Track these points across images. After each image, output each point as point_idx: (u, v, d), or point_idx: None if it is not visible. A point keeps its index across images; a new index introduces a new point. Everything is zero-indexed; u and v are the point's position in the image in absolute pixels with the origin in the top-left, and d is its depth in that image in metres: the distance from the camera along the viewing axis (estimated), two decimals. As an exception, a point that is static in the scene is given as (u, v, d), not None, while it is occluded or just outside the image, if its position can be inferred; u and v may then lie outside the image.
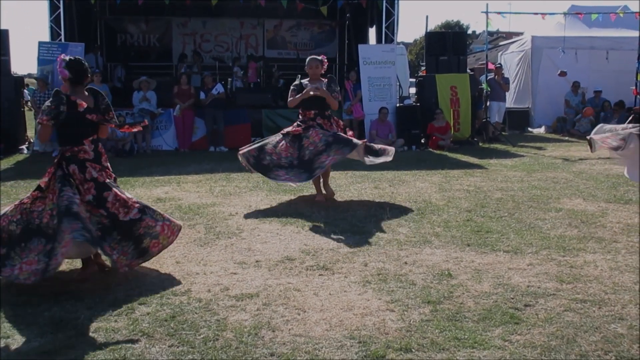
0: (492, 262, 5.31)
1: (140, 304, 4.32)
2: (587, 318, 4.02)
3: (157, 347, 3.64)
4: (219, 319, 4.05)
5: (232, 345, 3.65)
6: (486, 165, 11.44)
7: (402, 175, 10.17)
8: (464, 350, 3.55)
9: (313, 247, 5.82)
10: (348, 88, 15.06)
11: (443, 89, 15.15)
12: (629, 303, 4.29)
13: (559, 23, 18.36)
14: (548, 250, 5.63)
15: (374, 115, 14.69)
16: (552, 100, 18.40)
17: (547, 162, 11.77)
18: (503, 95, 16.85)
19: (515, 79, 19.74)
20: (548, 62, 18.44)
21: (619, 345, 3.60)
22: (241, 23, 19.51)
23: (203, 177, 9.94)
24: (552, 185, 9.00)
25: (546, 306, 4.24)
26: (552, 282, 4.75)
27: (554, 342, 3.65)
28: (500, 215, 7.11)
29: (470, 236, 6.16)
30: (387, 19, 15.35)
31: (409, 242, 5.97)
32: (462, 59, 15.77)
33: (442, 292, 4.52)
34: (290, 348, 3.60)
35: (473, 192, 8.57)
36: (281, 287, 4.67)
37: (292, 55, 19.62)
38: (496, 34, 48.77)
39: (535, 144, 15.13)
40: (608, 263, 5.24)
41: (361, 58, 15.12)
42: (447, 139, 14.51)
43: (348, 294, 4.54)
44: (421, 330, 3.83)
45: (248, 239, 6.15)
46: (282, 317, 4.07)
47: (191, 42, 19.47)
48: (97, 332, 3.84)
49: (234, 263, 5.34)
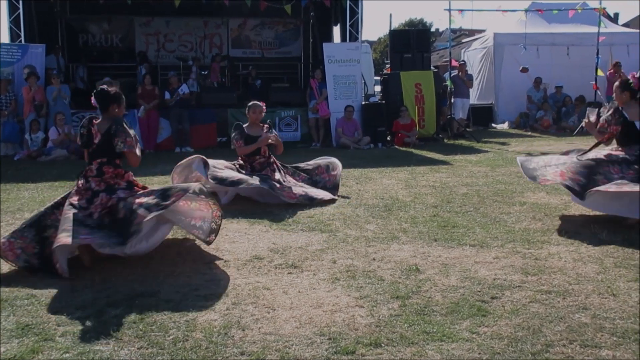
0: (459, 256, 5.37)
1: (108, 306, 4.28)
2: (552, 309, 4.10)
3: (126, 349, 3.61)
4: (189, 319, 4.03)
5: (202, 345, 3.64)
6: (451, 161, 11.56)
7: (368, 172, 10.23)
8: (432, 344, 3.59)
9: (281, 245, 5.83)
10: (314, 87, 15.09)
11: (408, 86, 15.28)
12: (592, 293, 4.39)
13: (520, 20, 18.63)
14: (513, 244, 5.72)
15: (340, 113, 14.74)
16: (515, 96, 18.66)
17: (511, 157, 11.92)
18: (467, 91, 17.05)
19: (478, 76, 19.99)
20: (510, 58, 18.69)
21: (583, 334, 3.68)
22: (205, 22, 19.39)
23: (169, 178, 9.84)
24: (516, 180, 9.13)
25: (512, 298, 4.31)
26: (517, 275, 4.82)
27: (521, 333, 3.71)
28: (466, 210, 7.19)
29: (437, 231, 6.22)
30: (351, 17, 15.42)
31: (376, 238, 6.01)
32: (426, 57, 15.92)
33: (410, 287, 4.57)
34: (260, 346, 3.60)
35: (439, 187, 8.65)
36: (250, 286, 4.66)
37: (257, 54, 19.58)
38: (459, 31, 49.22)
39: (499, 140, 15.33)
40: (571, 255, 5.34)
41: (326, 56, 15.16)
42: (412, 136, 14.64)
43: (317, 291, 4.55)
44: (390, 325, 3.86)
45: (216, 239, 6.12)
46: (251, 316, 4.07)
47: (154, 42, 19.30)
48: (64, 336, 3.80)
49: (203, 263, 5.32)
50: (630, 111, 6.36)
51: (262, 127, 8.27)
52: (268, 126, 8.33)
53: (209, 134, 14.89)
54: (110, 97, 5.54)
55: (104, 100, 5.54)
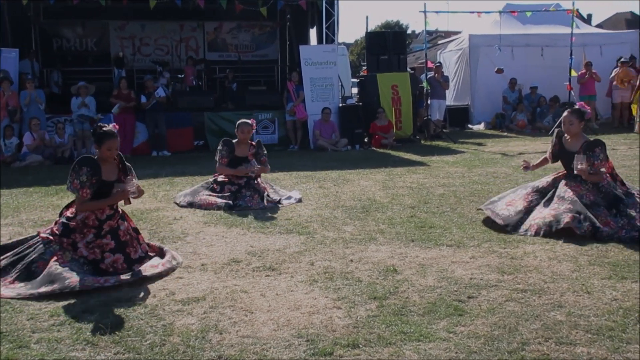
0: (436, 256, 5.40)
1: (83, 312, 4.24)
2: (527, 307, 4.14)
3: (103, 355, 3.58)
4: (166, 324, 4.01)
5: (180, 349, 3.62)
6: (428, 162, 11.63)
7: (346, 174, 10.24)
8: (410, 344, 3.61)
9: (259, 248, 5.82)
10: (290, 89, 15.09)
11: (384, 88, 15.33)
12: (567, 291, 4.43)
13: (495, 21, 18.76)
14: (489, 243, 5.77)
15: (317, 115, 14.76)
16: (491, 97, 18.82)
17: (487, 157, 12.03)
18: (443, 93, 17.15)
19: (454, 77, 20.11)
20: (485, 59, 18.83)
21: (559, 332, 3.72)
22: (181, 26, 19.27)
23: (146, 182, 9.78)
24: (492, 180, 9.21)
25: (488, 297, 4.35)
26: (493, 274, 4.86)
27: (497, 332, 3.74)
28: (443, 210, 7.24)
29: (414, 232, 6.25)
30: (327, 19, 15.44)
31: (354, 239, 6.03)
32: (402, 58, 15.99)
33: (387, 288, 4.58)
34: (238, 350, 3.59)
35: (416, 188, 8.69)
36: (228, 290, 4.65)
37: (234, 58, 19.51)
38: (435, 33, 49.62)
39: (475, 140, 15.44)
40: (547, 253, 5.40)
41: (303, 59, 15.17)
42: (389, 138, 14.69)
43: (295, 293, 4.55)
44: (368, 326, 3.87)
45: (193, 242, 6.11)
46: (229, 319, 4.05)
47: (130, 46, 19.15)
48: (39, 343, 3.75)
49: (180, 267, 5.29)
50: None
51: (250, 144, 8.20)
52: (256, 145, 8.23)
53: (185, 137, 14.84)
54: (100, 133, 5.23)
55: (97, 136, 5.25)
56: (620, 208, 6.06)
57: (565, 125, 6.39)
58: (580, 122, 6.32)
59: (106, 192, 5.21)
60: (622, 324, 3.81)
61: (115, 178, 5.29)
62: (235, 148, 8.13)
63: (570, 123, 6.32)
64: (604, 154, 6.20)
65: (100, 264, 5.07)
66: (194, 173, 10.70)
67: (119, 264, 5.11)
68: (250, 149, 8.19)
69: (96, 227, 5.15)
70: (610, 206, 6.09)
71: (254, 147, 8.21)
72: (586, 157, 6.13)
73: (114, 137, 5.22)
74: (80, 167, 5.05)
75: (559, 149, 6.49)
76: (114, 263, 5.10)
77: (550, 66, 18.38)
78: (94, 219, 5.15)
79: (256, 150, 8.20)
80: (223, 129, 14.87)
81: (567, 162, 6.37)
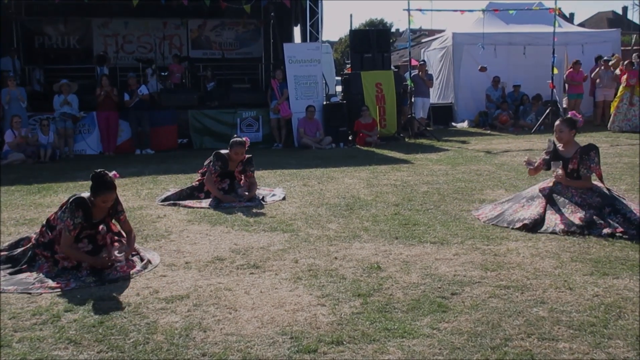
0: (420, 253, 5.42)
1: (66, 311, 4.21)
2: (510, 303, 4.16)
3: (86, 353, 3.56)
4: (149, 322, 3.99)
5: (163, 347, 3.60)
6: (412, 160, 11.66)
7: (330, 172, 10.25)
8: (394, 340, 3.62)
9: (243, 246, 5.81)
10: (275, 87, 15.05)
11: (369, 86, 15.35)
12: (549, 287, 4.47)
13: (479, 20, 18.85)
14: (473, 240, 5.80)
15: (301, 113, 14.74)
16: (474, 95, 18.91)
17: (471, 155, 12.09)
18: (427, 91, 17.20)
19: (438, 75, 20.17)
20: (469, 58, 18.91)
21: (541, 328, 3.74)
22: (164, 23, 19.16)
23: (129, 180, 9.75)
24: (476, 178, 9.25)
25: (472, 294, 4.37)
26: (477, 271, 4.89)
27: (480, 328, 3.76)
28: (427, 208, 7.26)
29: (398, 229, 6.27)
30: (312, 17, 15.43)
31: (338, 237, 6.03)
32: (386, 56, 16.01)
33: (371, 285, 4.59)
34: (222, 347, 3.59)
35: (400, 186, 8.72)
36: (212, 288, 4.64)
37: (218, 55, 19.43)
38: (419, 31, 49.75)
39: (459, 138, 15.50)
40: (529, 250, 5.43)
41: (287, 57, 15.14)
42: (373, 136, 14.72)
43: (279, 291, 4.55)
44: (352, 323, 3.88)
45: (177, 240, 6.08)
46: (213, 317, 4.04)
47: (113, 44, 19.01)
48: (21, 342, 3.72)
49: (163, 265, 5.27)
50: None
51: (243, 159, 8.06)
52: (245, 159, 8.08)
53: (169, 136, 14.77)
54: (98, 183, 5.14)
55: (96, 185, 5.15)
56: (616, 205, 6.13)
57: (556, 133, 6.52)
58: (570, 130, 6.41)
59: (90, 231, 5.20)
60: (603, 319, 3.84)
61: (102, 217, 5.26)
62: (228, 164, 8.01)
63: (560, 131, 6.43)
64: (598, 157, 6.30)
65: (80, 267, 5.06)
66: (178, 171, 10.66)
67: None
68: (239, 165, 8.07)
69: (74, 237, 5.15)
70: (605, 205, 6.16)
71: (242, 163, 8.08)
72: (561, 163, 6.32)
73: (112, 191, 5.13)
74: (77, 209, 5.01)
75: (555, 155, 6.55)
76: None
77: (532, 65, 18.51)
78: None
79: (244, 167, 8.07)
80: (207, 127, 14.83)
81: (564, 167, 6.45)
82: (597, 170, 6.29)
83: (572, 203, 6.23)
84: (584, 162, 6.24)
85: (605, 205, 6.13)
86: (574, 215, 6.07)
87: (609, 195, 6.26)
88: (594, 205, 6.14)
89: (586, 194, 6.26)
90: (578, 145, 6.40)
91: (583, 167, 6.26)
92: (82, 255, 5.11)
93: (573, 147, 6.40)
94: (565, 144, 6.45)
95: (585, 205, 6.16)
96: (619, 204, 6.15)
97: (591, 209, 6.10)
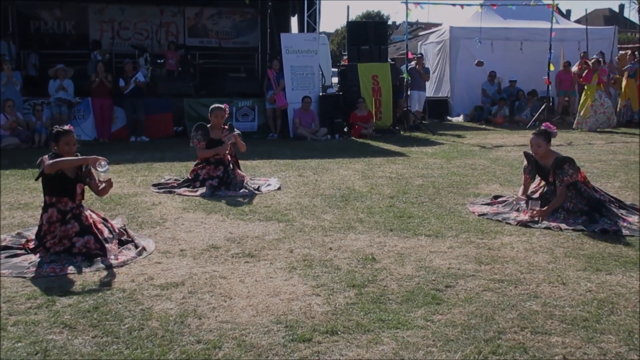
0: (414, 246, 5.44)
1: (60, 296, 4.22)
2: (504, 297, 4.19)
3: (80, 338, 3.56)
4: (144, 308, 4.00)
5: (158, 334, 3.61)
6: (407, 152, 11.67)
7: (325, 163, 10.25)
8: (388, 331, 3.64)
9: (238, 234, 5.82)
10: (271, 77, 15.01)
11: (365, 78, 15.33)
12: (542, 282, 4.50)
13: (476, 14, 18.84)
14: (467, 234, 5.82)
15: (297, 104, 14.71)
16: (470, 89, 18.91)
17: (466, 149, 12.11)
18: (423, 84, 17.19)
19: (435, 69, 20.15)
20: (465, 52, 18.90)
21: (534, 322, 3.77)
22: (161, 10, 19.04)
23: (124, 167, 9.73)
24: (471, 172, 9.28)
25: (466, 287, 4.40)
26: (471, 264, 4.91)
27: (474, 321, 3.78)
28: (422, 200, 7.28)
29: (393, 221, 6.29)
30: (309, 7, 15.37)
31: (333, 228, 6.05)
32: (383, 49, 15.99)
33: (366, 276, 4.61)
34: (217, 335, 3.60)
35: (395, 179, 8.73)
36: (207, 275, 4.65)
37: (214, 44, 19.36)
38: (416, 24, 49.63)
39: (454, 132, 15.52)
40: (523, 244, 5.46)
41: (283, 47, 15.08)
42: (369, 128, 14.71)
43: (274, 280, 4.56)
44: (347, 313, 3.90)
45: (172, 228, 6.09)
46: (208, 305, 4.05)
47: (109, 30, 18.90)
48: (16, 326, 3.73)
49: (158, 252, 5.27)
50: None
51: (223, 129, 8.25)
52: (228, 128, 8.29)
53: (164, 123, 14.71)
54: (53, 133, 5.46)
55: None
56: (603, 212, 6.19)
57: (532, 148, 6.58)
58: (547, 143, 6.50)
59: (69, 187, 5.26)
60: (596, 314, 3.88)
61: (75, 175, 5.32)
62: (211, 132, 8.18)
63: (538, 145, 6.51)
64: (573, 168, 6.34)
65: (73, 249, 5.07)
66: (173, 159, 10.64)
67: (91, 244, 5.10)
68: (224, 132, 8.24)
69: (60, 219, 5.18)
70: (594, 210, 6.22)
71: (225, 131, 8.25)
72: (539, 202, 6.35)
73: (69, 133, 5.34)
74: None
75: (535, 166, 6.61)
76: (86, 244, 5.09)
77: (529, 60, 18.52)
78: (57, 215, 5.19)
79: (228, 134, 8.22)
80: (202, 115, 14.74)
81: (545, 176, 6.56)
82: (574, 178, 6.35)
83: (563, 209, 6.32)
84: (557, 175, 6.34)
85: (595, 211, 6.20)
86: (566, 221, 6.16)
87: (599, 200, 6.36)
88: (585, 211, 6.23)
89: (576, 198, 6.33)
90: (556, 154, 6.50)
91: (557, 180, 6.35)
92: (66, 161, 5.18)
93: (551, 157, 6.47)
94: (541, 157, 6.51)
95: (577, 212, 6.27)
96: (607, 212, 6.23)
97: (583, 215, 6.21)
